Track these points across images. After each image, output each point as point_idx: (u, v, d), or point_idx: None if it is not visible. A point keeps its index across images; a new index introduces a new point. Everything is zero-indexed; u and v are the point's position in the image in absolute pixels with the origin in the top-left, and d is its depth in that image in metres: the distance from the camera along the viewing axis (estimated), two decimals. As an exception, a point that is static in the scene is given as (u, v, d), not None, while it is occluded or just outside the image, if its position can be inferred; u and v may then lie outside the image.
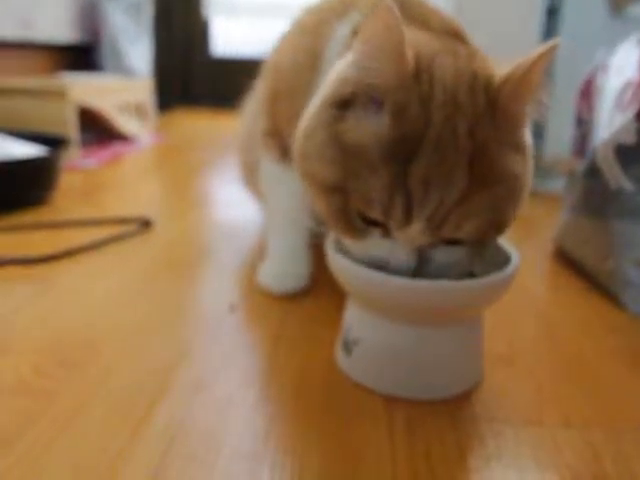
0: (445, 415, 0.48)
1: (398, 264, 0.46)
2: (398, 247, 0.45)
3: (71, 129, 1.40)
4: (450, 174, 0.41)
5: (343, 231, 0.47)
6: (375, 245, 0.46)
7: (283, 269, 0.69)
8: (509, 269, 0.49)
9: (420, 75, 0.42)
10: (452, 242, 0.45)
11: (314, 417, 0.47)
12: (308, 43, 0.59)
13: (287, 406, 0.49)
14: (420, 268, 0.46)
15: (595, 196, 0.75)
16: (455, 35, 0.51)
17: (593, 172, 0.74)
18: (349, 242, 0.48)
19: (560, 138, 1.14)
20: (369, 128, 0.43)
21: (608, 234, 0.72)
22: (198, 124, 2.26)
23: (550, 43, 0.41)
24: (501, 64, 0.45)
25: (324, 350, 0.57)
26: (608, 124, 0.73)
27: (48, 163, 1.04)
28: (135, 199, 1.14)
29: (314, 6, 0.63)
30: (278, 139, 0.66)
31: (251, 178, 0.84)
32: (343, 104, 0.45)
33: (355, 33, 0.53)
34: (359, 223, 0.45)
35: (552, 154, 1.26)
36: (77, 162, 1.39)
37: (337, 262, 0.49)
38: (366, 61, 0.43)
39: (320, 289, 0.70)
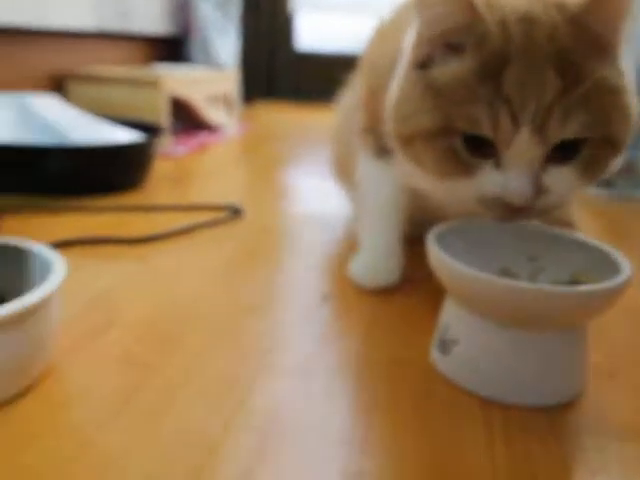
0: (545, 422, 0.46)
1: (514, 195, 0.46)
2: (512, 177, 0.46)
3: (163, 118, 1.46)
4: (539, 73, 0.44)
5: (452, 173, 0.49)
6: (486, 180, 0.48)
7: (375, 263, 0.68)
8: (620, 278, 0.46)
9: (491, 7, 0.46)
10: (562, 161, 0.47)
11: (408, 411, 0.47)
12: (398, 40, 0.59)
13: (380, 397, 0.48)
14: (537, 199, 0.47)
15: None
16: None
17: None
18: (460, 187, 0.50)
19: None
20: (457, 66, 0.46)
21: None
22: (281, 117, 2.29)
23: None
24: None
25: (416, 346, 0.57)
26: None
27: (145, 149, 1.08)
28: (223, 187, 1.17)
29: (406, 2, 0.64)
30: (375, 136, 0.66)
31: (343, 171, 0.84)
32: (424, 63, 0.49)
33: None
34: (468, 158, 0.47)
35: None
36: (169, 149, 1.44)
37: (439, 258, 0.48)
38: (433, 13, 0.47)
39: (411, 286, 0.70)
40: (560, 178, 0.47)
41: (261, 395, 0.48)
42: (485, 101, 0.44)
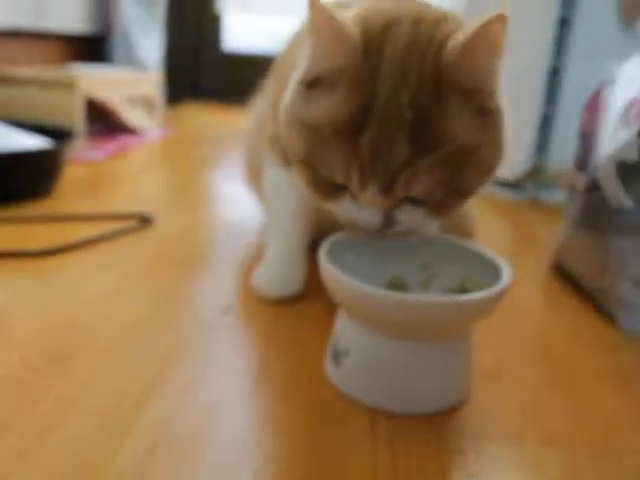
0: (428, 430, 0.48)
1: (366, 223, 0.51)
2: (363, 209, 0.50)
3: (78, 121, 1.41)
4: (392, 141, 0.45)
5: (319, 195, 0.53)
6: (345, 208, 0.52)
7: (277, 273, 0.69)
8: (499, 285, 0.48)
9: (369, 49, 0.46)
10: (414, 203, 0.49)
11: (298, 424, 0.47)
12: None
13: (273, 411, 0.49)
14: (387, 228, 0.51)
15: (595, 212, 0.75)
16: None
17: (594, 187, 0.74)
18: (332, 206, 0.53)
19: (564, 151, 1.13)
20: (324, 107, 0.47)
21: (606, 251, 0.71)
22: (207, 119, 2.26)
23: (496, 13, 0.41)
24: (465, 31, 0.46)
25: (314, 356, 0.57)
26: (612, 140, 0.73)
27: (51, 155, 1.04)
28: (138, 193, 1.15)
29: None
30: (281, 144, 0.66)
31: (254, 178, 0.84)
32: (311, 84, 0.49)
33: None
34: (330, 189, 0.51)
35: (555, 166, 1.26)
36: (83, 154, 1.39)
37: (327, 270, 0.49)
38: (318, 49, 0.47)
39: (315, 294, 0.70)
40: (410, 216, 0.50)
41: (151, 412, 0.47)
42: (341, 159, 0.47)
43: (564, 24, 1.20)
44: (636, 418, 0.52)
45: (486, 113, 0.47)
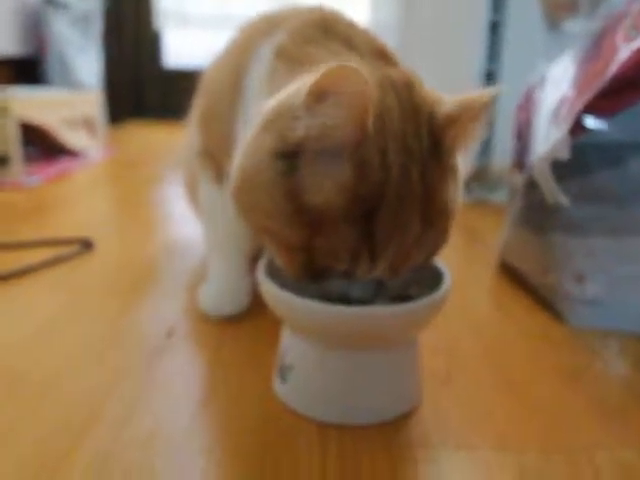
0: (379, 440, 0.47)
1: (358, 297, 0.47)
2: (358, 285, 0.47)
3: (13, 146, 1.35)
4: (408, 222, 0.42)
5: (298, 277, 0.46)
6: (333, 285, 0.47)
7: (221, 292, 0.67)
8: (440, 292, 0.48)
9: (374, 123, 0.40)
10: None
11: (246, 446, 0.46)
12: (233, 62, 0.58)
13: (219, 435, 0.47)
14: (377, 296, 0.48)
15: (534, 210, 0.76)
16: (382, 55, 0.50)
17: (532, 186, 0.75)
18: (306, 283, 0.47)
19: (506, 149, 1.16)
20: (328, 185, 0.40)
21: (548, 248, 0.72)
22: (150, 137, 2.22)
23: (495, 89, 0.42)
24: (439, 94, 0.45)
25: (261, 376, 0.55)
26: (544, 138, 0.74)
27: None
28: (80, 218, 1.11)
29: (246, 24, 0.62)
30: (212, 159, 0.64)
31: (193, 196, 0.82)
32: (290, 155, 0.41)
33: (276, 55, 0.52)
34: (320, 271, 0.45)
35: (499, 165, 1.28)
36: (20, 180, 1.34)
37: (266, 287, 0.48)
38: (322, 119, 0.39)
39: (261, 311, 0.69)
40: (394, 283, 0.48)
41: (90, 444, 0.44)
42: (351, 243, 0.41)
43: (494, 28, 1.23)
44: (586, 413, 0.52)
45: (455, 170, 0.46)
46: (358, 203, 0.40)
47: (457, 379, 0.57)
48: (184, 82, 0.81)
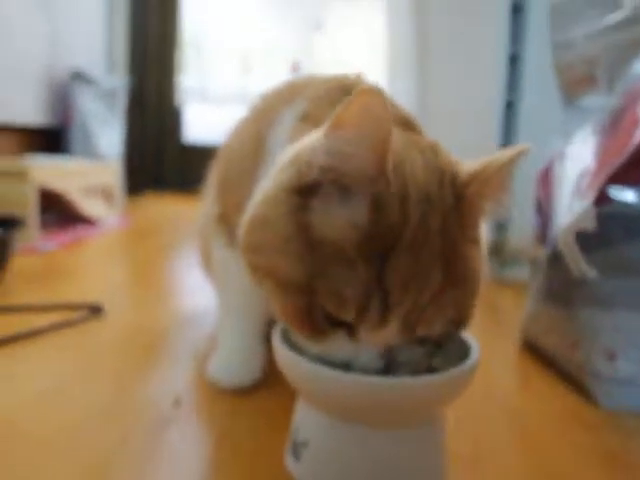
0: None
1: (364, 366, 0.42)
2: (364, 350, 0.42)
3: (31, 210, 1.37)
4: (426, 273, 0.39)
5: (302, 331, 0.42)
6: (337, 347, 0.42)
7: (232, 362, 0.64)
8: (469, 362, 0.45)
9: (395, 169, 0.39)
10: (420, 341, 0.43)
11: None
12: (254, 129, 0.59)
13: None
14: (388, 371, 0.43)
15: (559, 284, 0.73)
16: (408, 125, 0.50)
17: (555, 260, 0.73)
18: (305, 342, 0.44)
19: (524, 225, 1.15)
20: (342, 221, 0.39)
21: (574, 323, 0.69)
22: (168, 209, 2.25)
23: (519, 147, 0.41)
24: (462, 160, 0.44)
25: (273, 453, 0.51)
26: (567, 211, 0.73)
27: (-2, 245, 0.99)
28: (92, 284, 1.09)
29: (266, 93, 0.63)
30: (228, 225, 0.63)
31: (207, 264, 0.80)
32: (307, 191, 0.41)
33: (301, 119, 0.52)
34: (323, 324, 0.41)
35: (517, 241, 1.27)
36: (36, 244, 1.34)
37: (283, 355, 0.45)
38: (342, 146, 0.38)
39: (274, 383, 0.65)
40: (411, 353, 0.44)
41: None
42: (361, 285, 0.38)
43: (509, 107, 1.25)
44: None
45: (479, 240, 0.44)
46: (370, 241, 0.38)
47: (485, 464, 0.53)
48: (202, 156, 0.82)
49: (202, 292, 1.02)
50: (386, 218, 0.38)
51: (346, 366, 0.44)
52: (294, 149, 0.45)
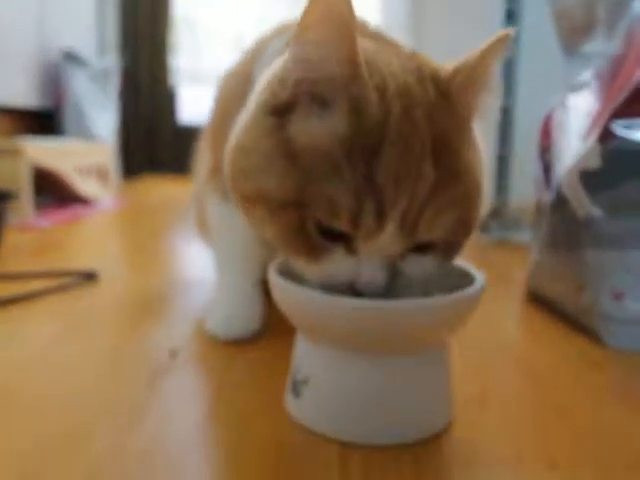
0: (409, 462, 0.41)
1: (367, 284, 0.39)
2: (365, 264, 0.39)
3: (24, 187, 1.34)
4: (418, 165, 0.37)
5: (297, 252, 0.41)
6: (337, 266, 0.40)
7: (231, 314, 0.62)
8: (476, 286, 0.43)
9: (369, 67, 0.38)
10: (421, 250, 0.41)
11: (259, 469, 0.40)
12: (242, 69, 0.57)
13: (229, 462, 0.41)
14: (392, 285, 0.41)
15: (564, 228, 0.71)
16: (382, 39, 0.49)
17: (560, 204, 0.71)
18: (304, 266, 0.42)
19: (523, 188, 1.13)
20: (323, 128, 0.38)
21: (581, 266, 0.67)
22: (163, 190, 2.22)
23: (501, 32, 0.38)
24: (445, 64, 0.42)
25: (272, 397, 0.50)
26: (570, 155, 0.71)
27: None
28: (87, 257, 1.07)
29: (261, 33, 0.62)
30: (221, 180, 0.61)
31: (203, 229, 0.78)
32: (284, 110, 0.40)
33: (286, 44, 0.50)
34: (318, 240, 0.39)
35: (517, 204, 1.25)
36: (30, 221, 1.32)
37: (279, 285, 0.43)
38: (309, 52, 0.37)
39: (273, 335, 0.64)
40: (417, 265, 0.42)
41: (87, 458, 0.39)
42: (351, 188, 0.36)
43: (508, 65, 1.23)
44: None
45: (475, 143, 0.42)
46: (355, 143, 0.37)
47: (494, 401, 0.51)
48: (196, 138, 0.80)
49: (198, 264, 1.00)
50: (367, 118, 0.37)
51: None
52: (270, 70, 0.44)
